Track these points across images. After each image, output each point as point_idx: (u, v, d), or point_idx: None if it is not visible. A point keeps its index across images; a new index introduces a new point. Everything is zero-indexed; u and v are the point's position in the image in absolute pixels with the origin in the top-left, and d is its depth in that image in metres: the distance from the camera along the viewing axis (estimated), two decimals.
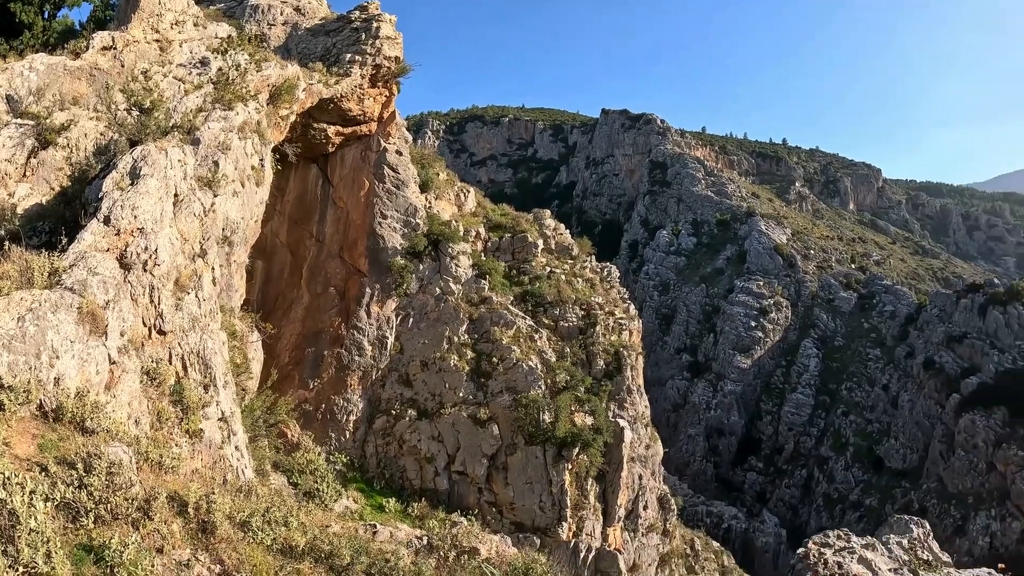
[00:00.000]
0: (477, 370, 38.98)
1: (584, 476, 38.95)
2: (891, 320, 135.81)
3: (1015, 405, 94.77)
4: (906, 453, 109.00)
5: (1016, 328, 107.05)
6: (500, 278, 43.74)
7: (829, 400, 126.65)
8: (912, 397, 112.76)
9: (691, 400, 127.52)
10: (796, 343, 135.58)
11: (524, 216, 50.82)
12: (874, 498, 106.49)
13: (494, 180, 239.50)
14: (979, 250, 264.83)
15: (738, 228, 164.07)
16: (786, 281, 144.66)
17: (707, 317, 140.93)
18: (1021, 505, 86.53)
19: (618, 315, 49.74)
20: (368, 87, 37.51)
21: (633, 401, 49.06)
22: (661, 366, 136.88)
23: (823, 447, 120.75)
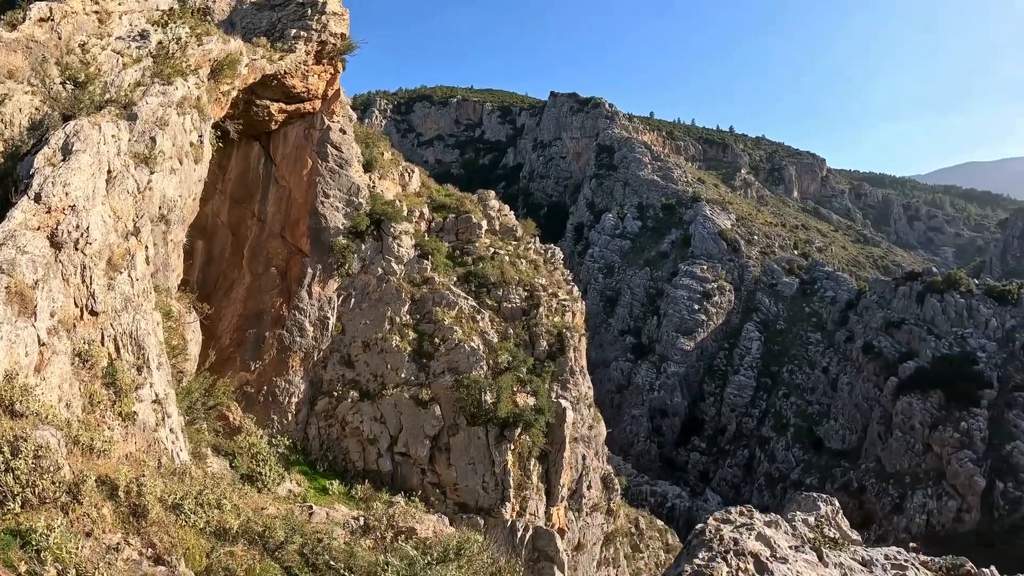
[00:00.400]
0: (419, 351, 38.76)
1: (527, 456, 39.09)
2: (832, 305, 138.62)
3: (950, 389, 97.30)
4: (845, 434, 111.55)
5: (952, 315, 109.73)
6: (443, 259, 43.46)
7: (771, 382, 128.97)
8: (851, 380, 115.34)
9: (635, 381, 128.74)
10: (739, 326, 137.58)
11: (468, 197, 50.49)
12: (815, 477, 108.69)
13: (441, 161, 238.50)
14: (919, 240, 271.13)
15: (683, 213, 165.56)
16: (730, 266, 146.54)
17: (651, 300, 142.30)
18: (956, 485, 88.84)
19: (561, 297, 49.89)
20: (313, 64, 36.95)
21: (576, 382, 49.33)
22: (605, 348, 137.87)
23: (765, 428, 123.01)
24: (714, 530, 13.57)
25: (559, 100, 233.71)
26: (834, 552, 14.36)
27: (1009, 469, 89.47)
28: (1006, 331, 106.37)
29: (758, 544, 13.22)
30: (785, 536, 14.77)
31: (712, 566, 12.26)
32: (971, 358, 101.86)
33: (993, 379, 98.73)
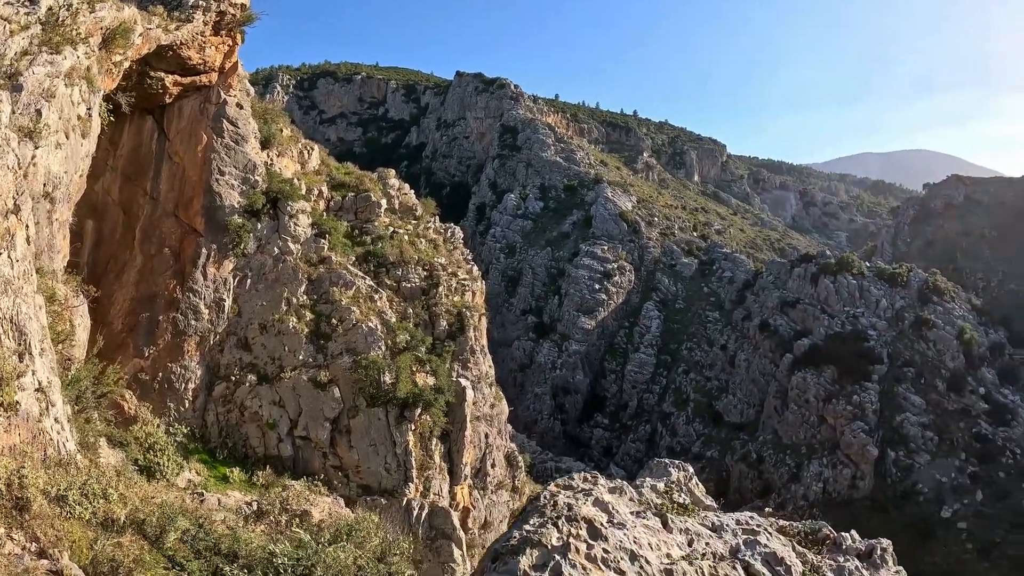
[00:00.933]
0: (317, 332, 38.02)
1: (428, 436, 38.99)
2: (729, 285, 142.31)
3: (842, 364, 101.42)
4: (743, 408, 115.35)
5: (845, 296, 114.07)
6: (341, 238, 42.60)
7: (670, 359, 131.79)
8: (749, 357, 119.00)
9: (537, 360, 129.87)
10: (639, 305, 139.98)
11: (368, 175, 49.58)
12: (715, 450, 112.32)
13: (343, 139, 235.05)
14: (814, 224, 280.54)
15: (585, 194, 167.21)
16: (630, 246, 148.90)
17: (552, 280, 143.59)
18: (850, 454, 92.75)
19: (461, 276, 49.71)
20: (211, 35, 35.65)
21: (476, 361, 49.34)
22: (507, 327, 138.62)
23: (665, 403, 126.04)
24: (549, 496, 13.14)
25: (464, 80, 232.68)
26: (680, 518, 14.00)
27: (900, 439, 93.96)
28: (896, 311, 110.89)
29: (594, 510, 12.55)
30: (630, 503, 14.02)
31: (541, 532, 11.85)
32: (862, 336, 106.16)
33: (883, 355, 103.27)
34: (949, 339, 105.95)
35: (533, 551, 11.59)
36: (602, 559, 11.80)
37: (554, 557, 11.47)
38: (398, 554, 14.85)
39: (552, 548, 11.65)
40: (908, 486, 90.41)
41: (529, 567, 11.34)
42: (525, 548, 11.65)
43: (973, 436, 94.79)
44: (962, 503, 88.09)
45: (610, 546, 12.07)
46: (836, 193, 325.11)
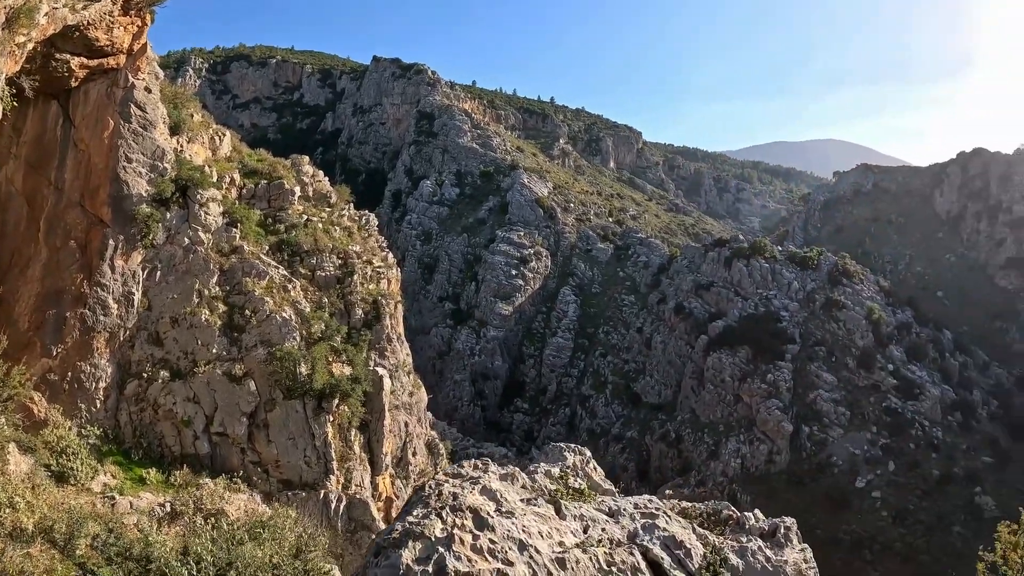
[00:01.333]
0: (230, 324, 36.98)
1: (347, 427, 38.61)
2: (645, 270, 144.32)
3: (756, 345, 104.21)
4: (661, 389, 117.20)
5: (757, 279, 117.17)
6: (254, 227, 41.51)
7: (588, 343, 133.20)
8: (665, 339, 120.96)
9: (455, 347, 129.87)
10: (555, 290, 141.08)
11: (281, 162, 48.38)
12: (634, 430, 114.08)
13: (257, 124, 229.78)
14: (727, 210, 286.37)
15: (501, 180, 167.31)
16: (546, 232, 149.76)
17: (469, 266, 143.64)
18: (766, 430, 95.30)
19: (376, 264, 49.23)
20: (119, 14, 34.11)
21: (394, 349, 49.01)
22: (425, 315, 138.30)
23: (584, 386, 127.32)
24: (435, 486, 12.61)
25: (381, 65, 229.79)
26: (575, 504, 13.35)
27: (813, 415, 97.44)
28: (807, 293, 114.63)
29: (482, 499, 12.18)
30: (521, 490, 13.66)
31: (425, 523, 11.38)
32: (775, 317, 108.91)
33: (796, 335, 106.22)
34: (858, 319, 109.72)
35: (416, 544, 11.25)
36: (488, 550, 11.42)
37: (438, 549, 11.15)
38: (315, 549, 14.59)
39: (436, 540, 11.33)
40: (823, 459, 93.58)
41: (412, 560, 11.00)
42: (407, 541, 11.30)
43: (883, 410, 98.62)
44: (875, 474, 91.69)
45: (497, 536, 11.70)
46: (749, 180, 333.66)
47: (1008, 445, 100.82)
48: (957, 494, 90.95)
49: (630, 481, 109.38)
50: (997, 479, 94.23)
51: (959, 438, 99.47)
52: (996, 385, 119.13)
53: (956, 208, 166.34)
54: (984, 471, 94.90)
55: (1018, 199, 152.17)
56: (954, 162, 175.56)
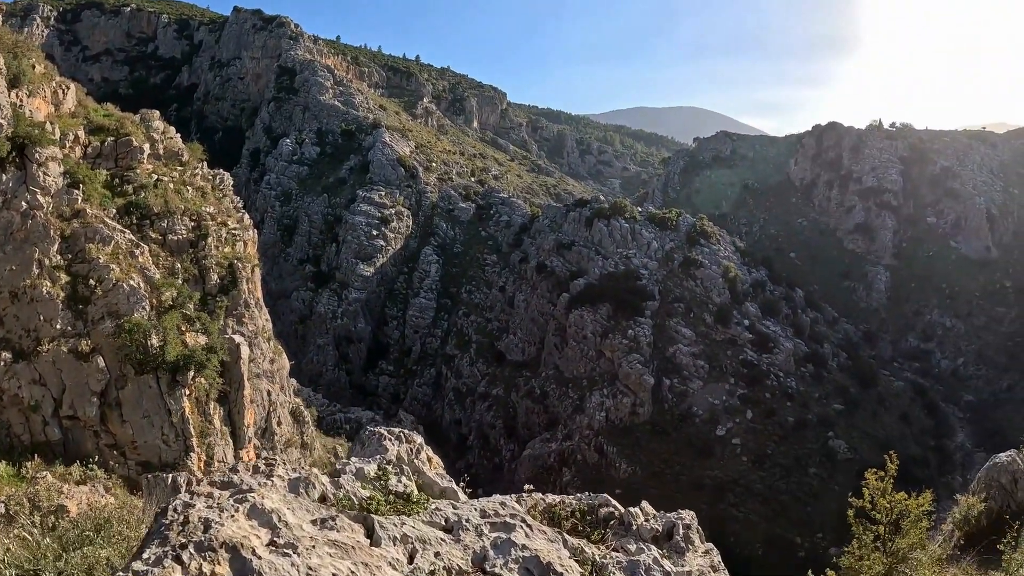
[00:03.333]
0: (74, 296, 33.83)
1: (205, 400, 36.63)
2: (507, 229, 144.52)
3: (617, 302, 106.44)
4: (524, 346, 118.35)
5: (618, 238, 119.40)
6: (99, 188, 38.06)
7: (451, 303, 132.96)
8: (527, 297, 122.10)
9: (317, 311, 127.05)
10: (417, 250, 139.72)
11: (130, 118, 44.69)
12: (500, 388, 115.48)
13: (108, 79, 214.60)
14: (589, 172, 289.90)
15: (363, 139, 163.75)
16: (408, 191, 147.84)
17: (330, 227, 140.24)
18: (629, 384, 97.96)
19: (231, 226, 46.90)
20: None
21: (252, 315, 47.18)
22: (285, 278, 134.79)
23: (448, 346, 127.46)
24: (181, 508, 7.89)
25: (242, 16, 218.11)
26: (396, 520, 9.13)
27: (673, 368, 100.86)
28: (666, 252, 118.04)
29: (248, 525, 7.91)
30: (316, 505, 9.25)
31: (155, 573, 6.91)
32: (635, 275, 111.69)
33: (655, 293, 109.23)
34: (715, 277, 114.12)
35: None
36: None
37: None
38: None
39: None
40: (684, 410, 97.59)
41: None
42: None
43: (740, 363, 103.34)
44: (734, 422, 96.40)
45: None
46: (611, 143, 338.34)
47: (857, 393, 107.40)
48: (812, 439, 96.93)
49: (498, 439, 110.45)
50: (848, 424, 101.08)
51: (812, 387, 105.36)
52: (845, 339, 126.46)
53: (810, 176, 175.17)
54: (835, 417, 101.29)
55: (868, 171, 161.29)
56: (809, 134, 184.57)
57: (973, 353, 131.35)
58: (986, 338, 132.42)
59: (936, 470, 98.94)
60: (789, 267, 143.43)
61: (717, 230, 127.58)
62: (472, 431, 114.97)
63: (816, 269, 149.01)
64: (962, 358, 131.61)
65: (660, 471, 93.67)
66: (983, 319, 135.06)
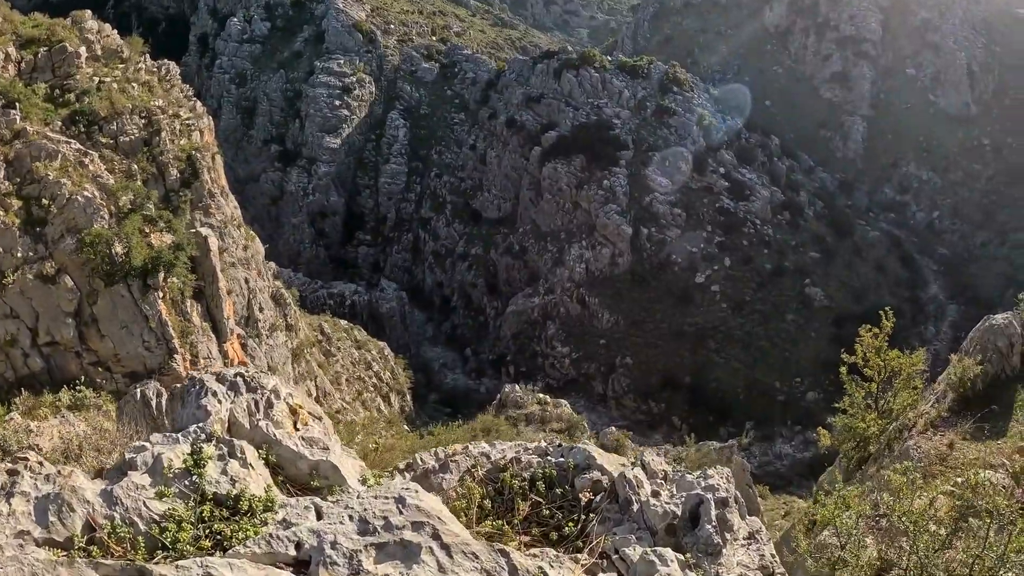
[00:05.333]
0: (29, 220, 32.66)
1: (181, 299, 36.43)
2: (473, 86, 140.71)
3: (590, 152, 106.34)
4: (500, 203, 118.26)
5: (588, 88, 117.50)
6: (40, 103, 36.49)
7: (422, 165, 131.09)
8: (499, 154, 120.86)
9: (288, 190, 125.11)
10: (383, 116, 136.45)
11: (61, 23, 42.09)
12: (479, 247, 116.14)
13: None
14: (555, 22, 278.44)
15: (315, 8, 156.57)
16: (367, 57, 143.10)
17: (291, 103, 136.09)
18: (607, 235, 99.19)
19: (185, 116, 45.50)
20: None
21: (219, 205, 46.57)
22: (251, 161, 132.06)
23: (423, 209, 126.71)
24: None
25: None
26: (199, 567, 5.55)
27: (650, 217, 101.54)
28: (638, 100, 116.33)
29: None
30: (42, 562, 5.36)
31: None
32: (607, 125, 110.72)
33: (629, 142, 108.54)
34: (689, 125, 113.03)
35: None
36: None
37: None
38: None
39: None
40: (663, 258, 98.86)
41: None
42: None
43: (717, 211, 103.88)
44: (712, 269, 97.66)
45: None
46: None
47: (833, 242, 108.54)
48: (789, 286, 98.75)
49: (481, 297, 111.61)
50: (824, 272, 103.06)
51: (788, 235, 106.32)
52: (821, 188, 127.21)
53: (785, 23, 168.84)
54: (812, 265, 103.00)
55: (846, 19, 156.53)
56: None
57: (948, 208, 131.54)
58: (962, 194, 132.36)
59: (910, 320, 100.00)
60: (764, 115, 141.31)
61: (690, 77, 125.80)
62: (455, 292, 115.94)
63: (792, 118, 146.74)
64: (937, 212, 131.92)
65: (641, 320, 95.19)
66: (959, 175, 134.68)
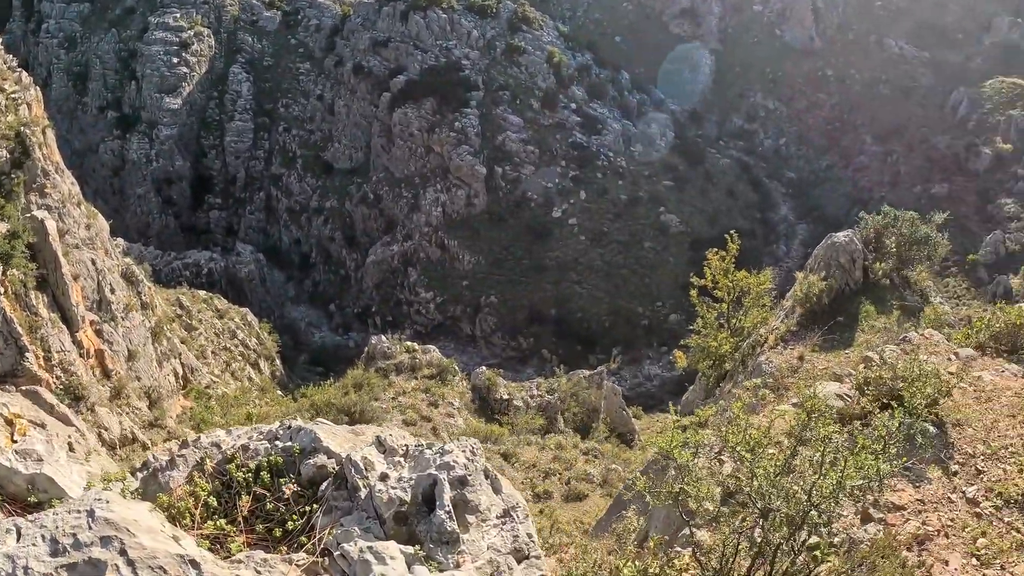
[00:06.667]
0: None
1: (24, 292, 34.06)
2: (317, 33, 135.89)
3: (440, 95, 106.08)
4: (351, 153, 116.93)
5: (436, 30, 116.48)
6: None
7: (269, 120, 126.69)
8: (347, 102, 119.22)
9: (129, 158, 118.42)
10: (224, 71, 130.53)
11: None
12: (333, 199, 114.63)
13: None
14: None
15: None
16: (204, 9, 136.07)
17: (125, 64, 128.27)
18: (461, 176, 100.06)
19: (9, 90, 42.07)
20: None
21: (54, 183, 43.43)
22: (88, 131, 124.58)
23: (274, 166, 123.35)
24: None
25: None
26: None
27: (504, 156, 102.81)
28: (487, 41, 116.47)
29: None
30: None
31: None
32: (457, 66, 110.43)
33: (479, 82, 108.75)
34: (540, 63, 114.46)
35: None
36: None
37: None
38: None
39: None
40: (519, 196, 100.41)
41: None
42: None
43: (570, 145, 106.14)
44: (569, 203, 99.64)
45: None
46: None
47: (684, 169, 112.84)
48: (644, 215, 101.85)
49: (340, 251, 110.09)
50: (677, 199, 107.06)
51: (641, 166, 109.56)
52: (671, 119, 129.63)
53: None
54: (665, 193, 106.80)
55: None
56: None
57: (794, 135, 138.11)
58: (807, 121, 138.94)
59: (762, 240, 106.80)
60: (614, 51, 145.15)
61: (539, 16, 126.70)
62: (313, 248, 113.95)
63: (641, 53, 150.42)
64: (784, 139, 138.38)
65: (502, 258, 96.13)
66: (804, 103, 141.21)
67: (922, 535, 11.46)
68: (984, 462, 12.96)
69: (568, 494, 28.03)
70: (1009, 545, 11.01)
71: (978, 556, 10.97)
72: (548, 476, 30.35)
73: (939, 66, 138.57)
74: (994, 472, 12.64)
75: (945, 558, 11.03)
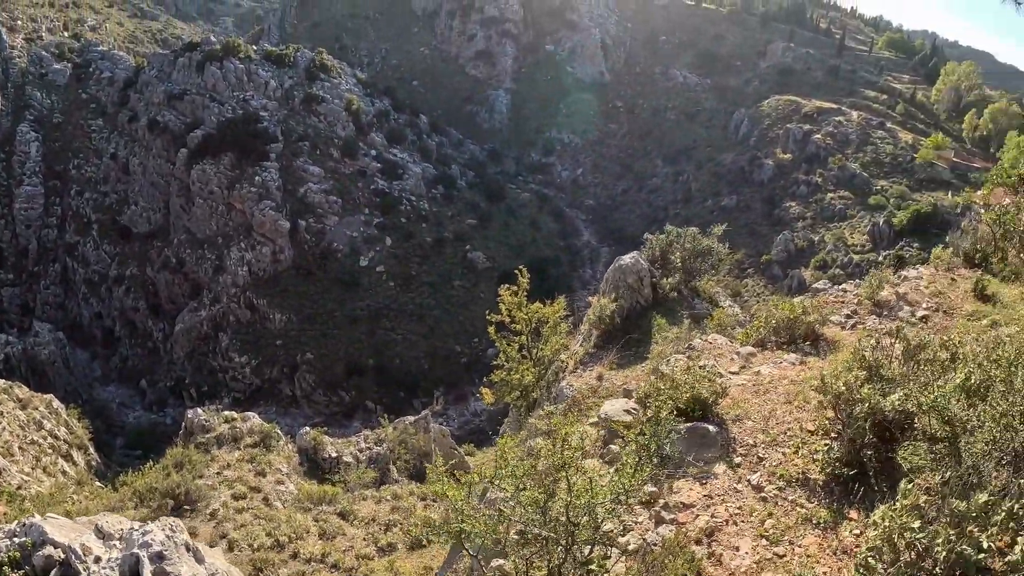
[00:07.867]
0: None
1: None
2: (110, 87, 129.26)
3: (239, 149, 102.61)
4: (150, 215, 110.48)
5: (233, 81, 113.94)
6: None
7: (60, 184, 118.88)
8: (142, 160, 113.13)
9: None
10: (12, 130, 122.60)
11: None
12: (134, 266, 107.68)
13: None
14: (199, 11, 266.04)
15: None
16: None
17: None
18: (265, 232, 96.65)
19: None
20: None
21: None
22: None
23: (68, 234, 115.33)
24: None
25: None
26: None
27: (306, 208, 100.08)
28: (285, 91, 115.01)
29: None
30: None
31: None
32: (255, 118, 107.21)
33: (278, 134, 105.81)
34: (338, 111, 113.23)
35: None
36: None
37: None
38: None
39: None
40: (325, 247, 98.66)
41: None
42: None
43: (372, 192, 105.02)
44: (375, 250, 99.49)
45: None
46: None
47: (486, 207, 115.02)
48: (451, 255, 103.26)
49: (145, 321, 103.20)
50: (482, 236, 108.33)
51: (444, 207, 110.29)
52: (471, 159, 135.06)
53: (432, 6, 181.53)
54: (470, 231, 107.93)
55: (489, 1, 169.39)
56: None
57: (590, 164, 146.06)
58: (601, 151, 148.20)
59: (568, 266, 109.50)
60: (413, 95, 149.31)
61: (337, 63, 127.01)
62: (116, 321, 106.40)
63: (439, 95, 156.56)
64: (581, 169, 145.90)
65: (314, 313, 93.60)
66: (597, 134, 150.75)
67: (711, 527, 11.83)
68: (765, 449, 13.58)
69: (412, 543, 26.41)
70: (795, 521, 11.57)
71: (766, 536, 11.42)
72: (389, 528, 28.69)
73: (721, 91, 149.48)
74: (774, 457, 13.29)
75: (736, 544, 11.42)
